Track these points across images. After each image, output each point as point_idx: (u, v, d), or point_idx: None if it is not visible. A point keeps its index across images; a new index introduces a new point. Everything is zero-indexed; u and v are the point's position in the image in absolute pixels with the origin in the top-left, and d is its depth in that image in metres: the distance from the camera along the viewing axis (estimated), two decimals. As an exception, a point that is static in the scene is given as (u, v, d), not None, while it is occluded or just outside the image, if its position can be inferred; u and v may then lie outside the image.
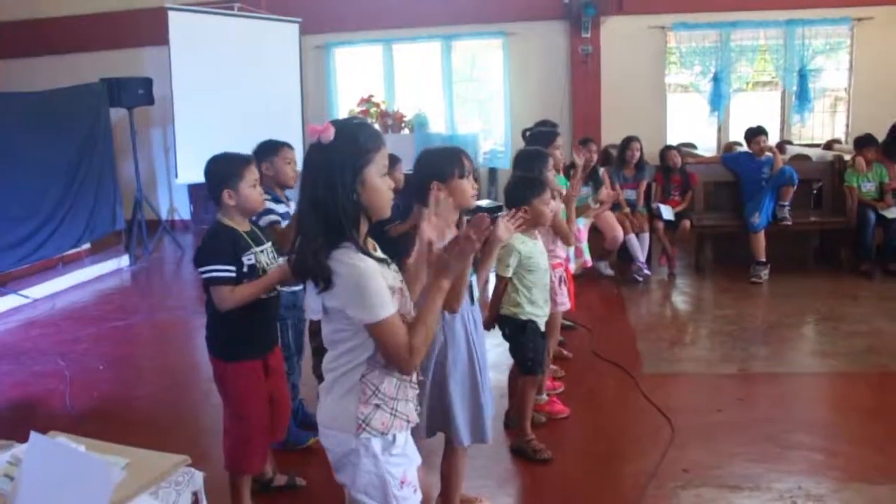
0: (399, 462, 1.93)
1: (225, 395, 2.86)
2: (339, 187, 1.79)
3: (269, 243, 2.88)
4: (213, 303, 2.75)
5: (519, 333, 3.42)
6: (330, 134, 1.81)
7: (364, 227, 1.88)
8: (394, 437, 1.91)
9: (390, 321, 1.79)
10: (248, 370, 2.80)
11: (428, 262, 1.94)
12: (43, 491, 1.65)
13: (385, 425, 1.88)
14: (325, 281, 1.80)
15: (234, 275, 2.68)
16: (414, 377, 1.97)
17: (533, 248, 3.37)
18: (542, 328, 3.48)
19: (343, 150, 1.81)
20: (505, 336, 3.50)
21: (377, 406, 1.87)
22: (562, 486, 3.26)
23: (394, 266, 1.95)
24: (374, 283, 1.78)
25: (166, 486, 2.00)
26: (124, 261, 7.98)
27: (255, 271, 2.74)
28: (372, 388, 1.87)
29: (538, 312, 3.41)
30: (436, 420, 2.72)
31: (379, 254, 1.92)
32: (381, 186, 1.86)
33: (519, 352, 3.47)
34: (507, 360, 3.71)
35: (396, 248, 2.31)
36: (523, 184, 3.40)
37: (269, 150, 3.49)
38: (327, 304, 1.86)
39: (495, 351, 4.11)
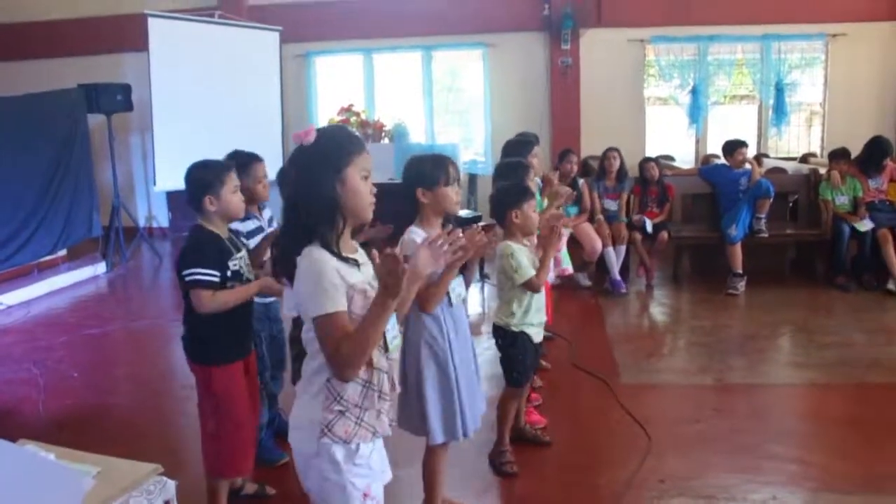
0: (363, 473, 1.89)
1: (214, 400, 2.80)
2: (316, 185, 1.81)
3: (245, 251, 2.91)
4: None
5: (510, 345, 3.34)
6: (312, 136, 1.84)
7: (341, 228, 1.85)
8: (357, 446, 1.87)
9: (333, 318, 1.75)
10: (234, 372, 2.82)
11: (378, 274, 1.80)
12: (10, 500, 1.62)
13: (348, 433, 1.85)
14: (290, 275, 1.83)
15: (217, 279, 2.70)
16: (385, 386, 1.92)
17: (523, 255, 3.28)
18: (537, 339, 3.41)
19: (323, 150, 1.84)
20: (498, 346, 3.42)
21: (341, 413, 1.85)
22: (538, 496, 3.26)
23: (369, 271, 1.91)
24: (326, 278, 1.76)
25: (137, 495, 1.98)
26: (101, 268, 7.90)
27: (239, 276, 2.77)
28: (335, 394, 1.84)
29: (532, 321, 3.34)
30: (411, 417, 2.73)
31: (354, 255, 1.89)
32: (361, 189, 1.86)
33: (507, 363, 3.38)
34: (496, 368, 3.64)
35: None
36: (513, 190, 3.35)
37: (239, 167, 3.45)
38: (296, 300, 1.85)
39: (485, 355, 4.10)
